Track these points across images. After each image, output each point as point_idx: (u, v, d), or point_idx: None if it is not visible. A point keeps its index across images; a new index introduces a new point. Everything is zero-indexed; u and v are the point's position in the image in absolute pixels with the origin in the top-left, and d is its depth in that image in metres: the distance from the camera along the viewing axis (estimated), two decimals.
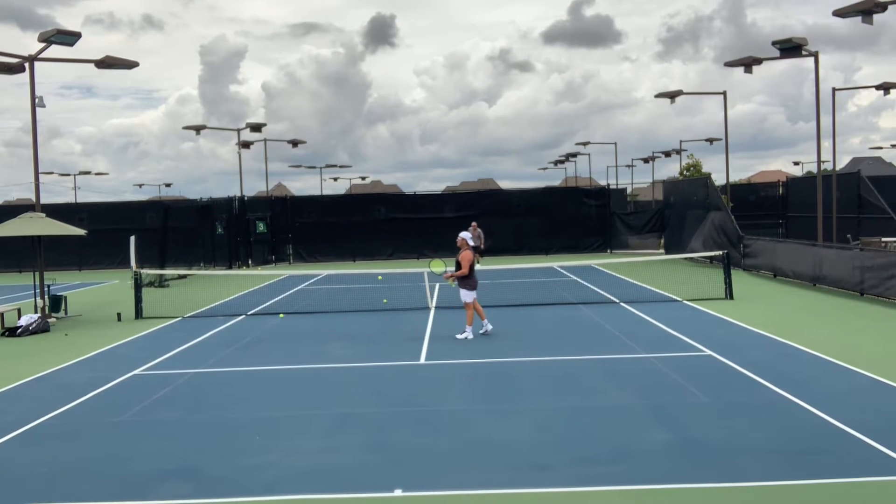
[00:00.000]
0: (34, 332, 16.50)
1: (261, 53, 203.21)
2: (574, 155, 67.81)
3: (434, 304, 18.85)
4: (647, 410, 9.00)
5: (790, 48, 22.15)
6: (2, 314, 17.31)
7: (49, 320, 17.46)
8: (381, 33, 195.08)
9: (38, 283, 18.55)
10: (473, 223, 29.72)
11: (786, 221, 34.20)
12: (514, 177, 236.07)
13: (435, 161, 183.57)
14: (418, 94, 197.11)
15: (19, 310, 18.02)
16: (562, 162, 74.09)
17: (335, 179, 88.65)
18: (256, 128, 43.33)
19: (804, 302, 18.16)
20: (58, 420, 9.44)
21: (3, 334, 16.52)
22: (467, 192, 44.80)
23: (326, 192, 72.78)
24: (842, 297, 18.39)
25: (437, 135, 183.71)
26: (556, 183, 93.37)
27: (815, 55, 22.76)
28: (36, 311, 17.83)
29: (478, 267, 15.20)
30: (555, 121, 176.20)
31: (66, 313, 19.21)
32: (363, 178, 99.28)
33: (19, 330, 16.41)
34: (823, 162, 26.30)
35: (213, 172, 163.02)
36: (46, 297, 18.44)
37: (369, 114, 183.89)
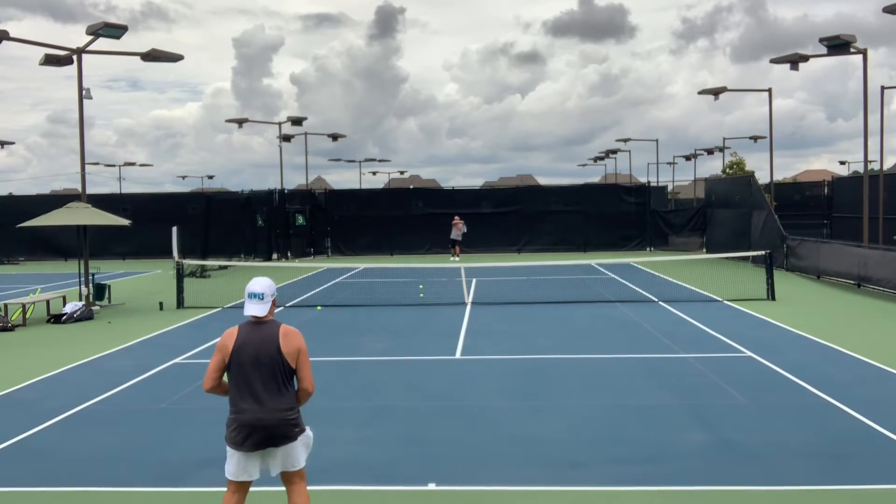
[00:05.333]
0: (78, 320, 16.85)
1: (288, 47, 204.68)
2: (614, 151, 67.16)
3: (470, 300, 18.85)
4: (685, 411, 8.90)
5: (838, 45, 21.70)
6: (48, 301, 17.71)
7: (93, 308, 17.81)
8: (404, 25, 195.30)
9: (82, 271, 18.93)
10: (456, 217, 30.58)
11: (831, 222, 33.57)
12: (548, 173, 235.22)
13: (463, 156, 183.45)
14: (451, 87, 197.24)
15: (64, 297, 18.41)
16: (602, 158, 73.46)
17: (374, 174, 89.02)
18: (297, 121, 43.73)
19: (848, 304, 17.81)
20: (100, 406, 9.63)
21: (48, 321, 16.90)
22: (505, 189, 44.65)
23: (364, 185, 73.17)
24: (887, 299, 18.00)
25: (466, 129, 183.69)
26: (594, 179, 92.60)
27: (864, 53, 22.28)
28: (80, 299, 18.21)
29: (516, 263, 15.16)
30: (585, 116, 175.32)
31: (109, 301, 19.58)
32: (402, 173, 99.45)
33: (64, 317, 16.77)
34: (870, 162, 25.73)
35: (248, 164, 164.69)
36: (91, 285, 18.80)
37: (399, 107, 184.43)
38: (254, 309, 5.25)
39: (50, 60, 19.55)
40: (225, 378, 5.28)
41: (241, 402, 5.13)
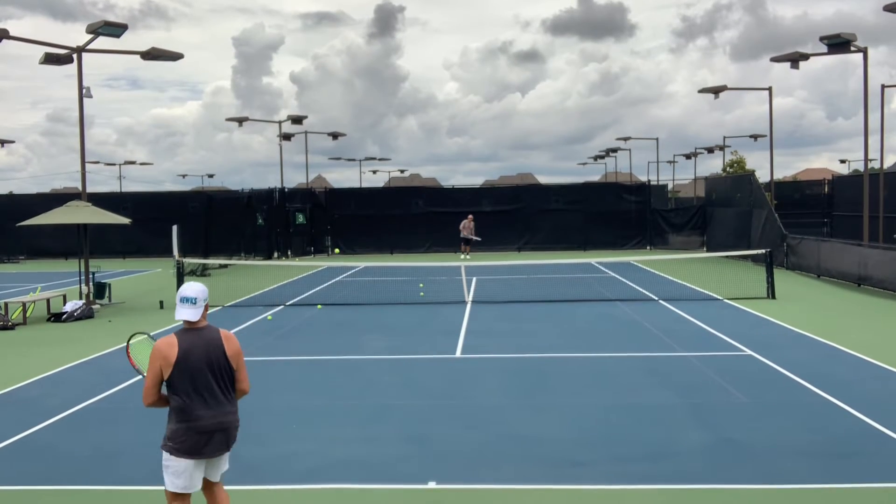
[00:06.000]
0: (79, 318, 16.85)
1: (288, 45, 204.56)
2: (614, 150, 67.16)
3: (471, 299, 18.85)
4: (685, 410, 8.90)
5: (838, 44, 21.68)
6: (48, 300, 17.71)
7: (93, 307, 17.81)
8: (404, 24, 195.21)
9: (83, 270, 18.92)
10: (469, 216, 32.37)
11: (831, 220, 33.58)
12: (548, 171, 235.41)
13: (464, 154, 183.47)
14: (451, 87, 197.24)
15: (65, 296, 18.41)
16: (602, 157, 73.45)
17: (374, 172, 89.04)
18: (297, 120, 43.73)
19: (848, 302, 17.81)
20: (100, 404, 9.64)
21: (49, 320, 16.90)
22: (505, 187, 44.64)
23: (365, 184, 73.21)
24: (887, 298, 18.00)
25: (466, 128, 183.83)
26: (595, 178, 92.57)
27: (864, 51, 22.27)
28: (81, 298, 18.20)
29: (516, 262, 15.14)
30: (585, 115, 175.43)
31: (109, 300, 19.58)
32: (402, 171, 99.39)
33: (64, 315, 16.77)
34: (871, 160, 25.71)
35: (248, 163, 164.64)
36: (91, 284, 18.80)
37: (399, 106, 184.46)
38: (187, 313, 5.19)
39: (50, 59, 19.54)
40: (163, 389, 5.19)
41: (195, 409, 5.06)
